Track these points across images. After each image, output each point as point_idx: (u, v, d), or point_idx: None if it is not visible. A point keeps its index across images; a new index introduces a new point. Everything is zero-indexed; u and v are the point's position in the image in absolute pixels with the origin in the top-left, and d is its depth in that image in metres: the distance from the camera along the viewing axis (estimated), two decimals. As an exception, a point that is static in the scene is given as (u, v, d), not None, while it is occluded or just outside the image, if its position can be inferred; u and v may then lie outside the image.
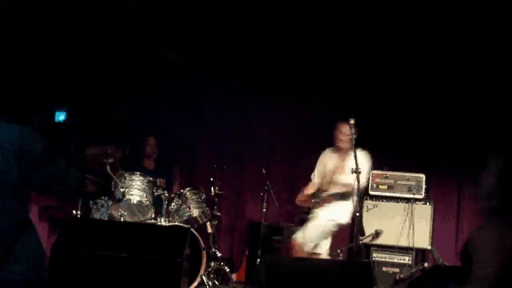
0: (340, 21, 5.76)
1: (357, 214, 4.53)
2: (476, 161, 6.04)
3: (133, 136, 6.41)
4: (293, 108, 6.74)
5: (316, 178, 5.41)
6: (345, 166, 5.09)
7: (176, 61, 6.74)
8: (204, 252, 5.41)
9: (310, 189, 5.36)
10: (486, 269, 2.24)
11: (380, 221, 5.87)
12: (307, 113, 6.71)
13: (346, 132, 5.08)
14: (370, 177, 5.93)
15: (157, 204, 5.60)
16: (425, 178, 5.94)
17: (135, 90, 6.77)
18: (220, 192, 5.96)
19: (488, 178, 2.41)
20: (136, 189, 5.46)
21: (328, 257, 5.26)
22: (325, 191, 5.23)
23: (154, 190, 5.60)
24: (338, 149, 5.27)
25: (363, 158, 5.03)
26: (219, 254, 5.80)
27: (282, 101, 6.73)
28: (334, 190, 5.17)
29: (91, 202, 5.57)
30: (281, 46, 6.57)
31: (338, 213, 5.10)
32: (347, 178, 4.90)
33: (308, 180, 6.71)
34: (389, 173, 5.97)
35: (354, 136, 4.87)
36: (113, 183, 5.47)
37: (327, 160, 5.37)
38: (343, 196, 5.08)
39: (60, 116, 2.63)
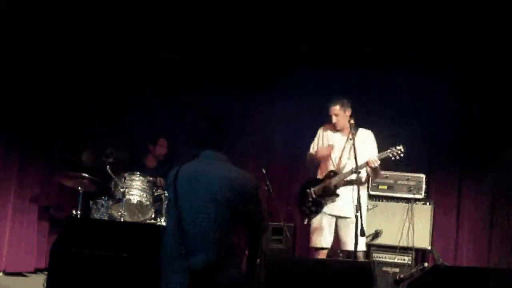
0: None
1: (357, 214, 4.50)
2: (476, 161, 6.11)
3: (137, 136, 6.42)
4: (293, 107, 6.73)
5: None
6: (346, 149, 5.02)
7: (176, 61, 6.73)
8: (204, 252, 5.40)
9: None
10: None
11: (380, 221, 5.86)
12: (308, 112, 6.71)
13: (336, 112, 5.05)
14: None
15: (157, 204, 5.60)
16: (425, 178, 5.93)
17: (136, 90, 6.77)
18: (220, 192, 5.94)
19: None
20: (136, 189, 5.47)
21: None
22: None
23: (154, 190, 5.60)
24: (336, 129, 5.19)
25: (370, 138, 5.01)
26: (219, 254, 5.79)
27: (283, 100, 6.72)
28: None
29: (91, 202, 5.57)
30: (281, 45, 6.58)
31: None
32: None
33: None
34: (389, 173, 5.94)
35: (354, 136, 4.87)
36: (113, 183, 5.48)
37: (328, 138, 5.23)
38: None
39: None
